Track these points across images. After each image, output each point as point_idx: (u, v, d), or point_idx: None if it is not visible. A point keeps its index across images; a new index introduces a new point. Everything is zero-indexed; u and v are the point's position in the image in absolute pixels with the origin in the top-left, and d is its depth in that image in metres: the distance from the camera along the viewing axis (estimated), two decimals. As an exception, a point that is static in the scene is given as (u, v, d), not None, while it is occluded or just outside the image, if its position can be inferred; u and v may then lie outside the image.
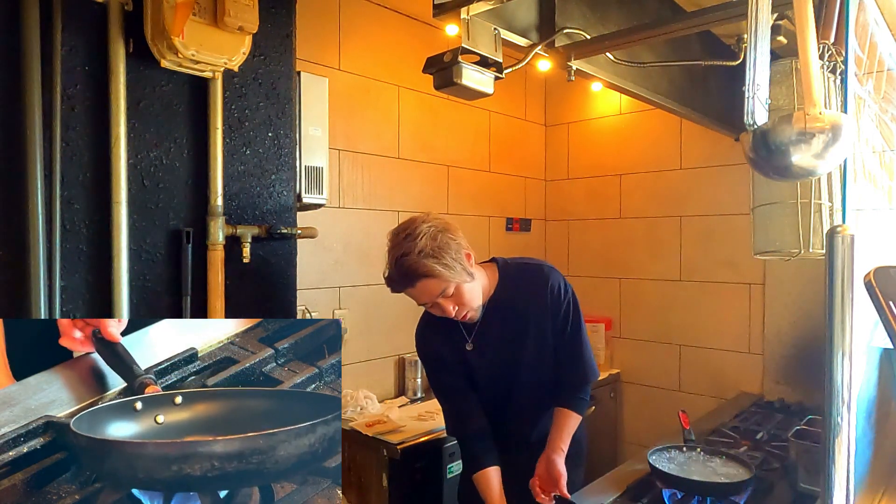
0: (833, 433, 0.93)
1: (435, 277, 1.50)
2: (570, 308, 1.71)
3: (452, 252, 1.52)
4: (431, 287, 1.52)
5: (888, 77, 1.41)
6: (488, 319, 1.68)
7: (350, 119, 2.59)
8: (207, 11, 1.42)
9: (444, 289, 1.53)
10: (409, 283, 1.51)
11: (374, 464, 2.17)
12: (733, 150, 2.83)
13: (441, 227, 1.53)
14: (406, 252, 1.48)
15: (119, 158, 1.39)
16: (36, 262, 1.28)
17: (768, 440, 2.14)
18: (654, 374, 3.26)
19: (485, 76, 1.56)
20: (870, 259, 1.02)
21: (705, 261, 3.07)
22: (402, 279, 1.51)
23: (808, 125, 1.01)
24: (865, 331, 1.08)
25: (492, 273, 1.72)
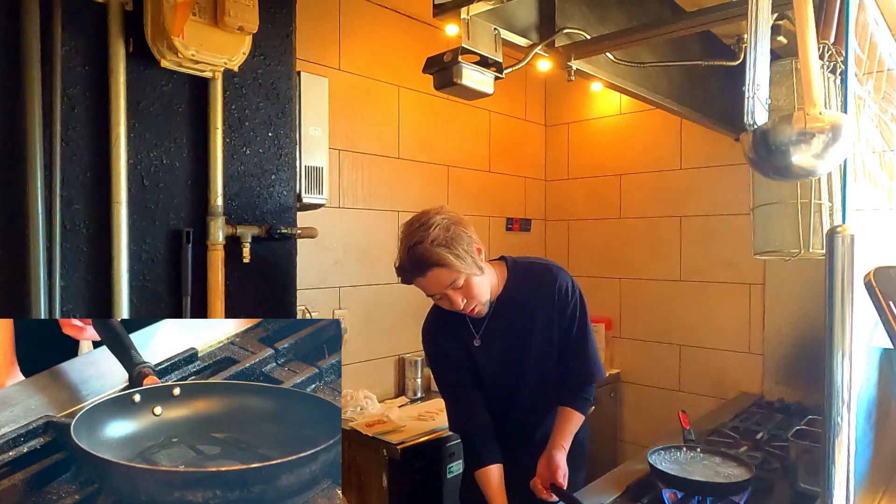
0: (833, 433, 0.93)
1: (446, 267, 1.50)
2: (578, 308, 1.72)
3: (464, 244, 1.53)
4: (442, 277, 1.52)
5: (888, 77, 1.41)
6: (496, 316, 1.69)
7: (350, 119, 2.59)
8: (207, 11, 1.42)
9: (454, 279, 1.53)
10: (421, 272, 1.52)
11: (374, 464, 2.17)
12: (733, 150, 2.83)
13: (454, 220, 1.55)
14: (419, 241, 1.49)
15: (119, 158, 1.39)
16: (36, 262, 1.28)
17: (768, 440, 2.13)
18: (654, 374, 3.26)
19: (485, 76, 1.56)
20: (870, 259, 1.02)
21: (705, 261, 3.07)
22: (414, 268, 1.52)
23: (808, 125, 1.01)
24: (865, 331, 1.08)
25: (501, 271, 1.73)
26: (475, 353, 1.71)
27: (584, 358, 1.72)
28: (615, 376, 3.34)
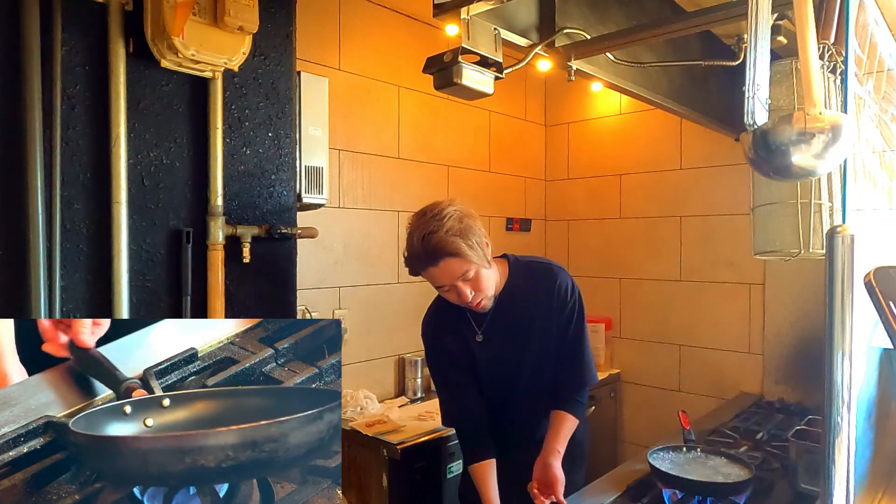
0: (833, 433, 0.93)
1: (460, 257, 1.51)
2: (576, 310, 1.72)
3: (476, 236, 1.54)
4: (454, 267, 1.52)
5: (888, 77, 1.41)
6: (498, 313, 1.70)
7: (350, 119, 2.59)
8: (207, 11, 1.42)
9: (465, 270, 1.53)
10: (433, 261, 1.51)
11: (374, 464, 2.17)
12: (733, 150, 2.83)
13: (466, 212, 1.56)
14: (433, 230, 1.49)
15: (119, 158, 1.39)
16: (36, 262, 1.28)
17: (768, 440, 2.13)
18: (654, 374, 3.26)
19: (485, 76, 1.56)
20: (870, 259, 1.02)
21: (705, 261, 3.07)
22: (427, 256, 1.51)
23: (808, 125, 1.01)
24: (865, 331, 1.08)
25: (503, 268, 1.73)
26: (476, 348, 1.71)
27: (579, 361, 1.72)
28: (615, 376, 3.34)
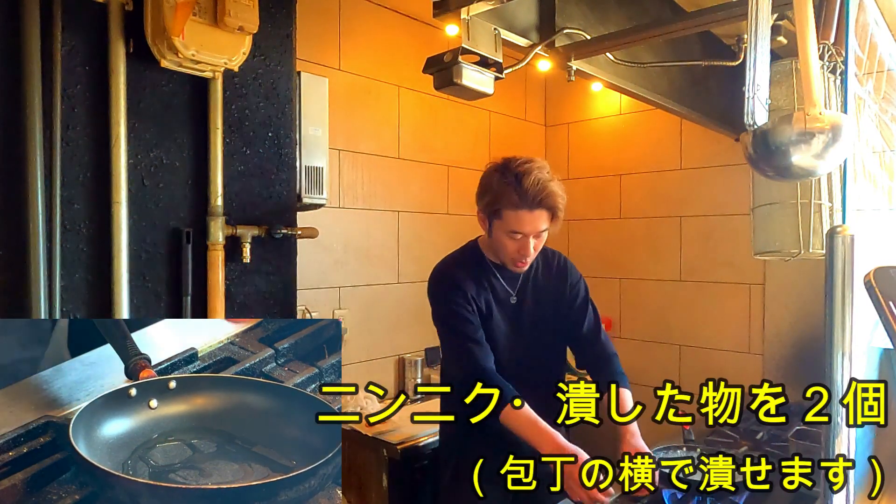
0: (833, 433, 0.93)
1: (555, 216, 1.52)
2: (586, 291, 1.79)
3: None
4: (544, 220, 1.52)
5: (888, 77, 1.41)
6: (526, 279, 1.72)
7: (350, 119, 2.59)
8: (207, 11, 1.42)
9: (547, 228, 1.54)
10: (536, 205, 1.48)
11: (374, 464, 2.17)
12: (733, 150, 2.83)
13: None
14: (551, 178, 1.50)
15: (119, 158, 1.39)
16: (36, 262, 1.28)
17: (768, 440, 2.13)
18: (654, 374, 3.25)
19: (485, 76, 1.56)
20: (870, 259, 1.02)
21: (705, 261, 3.07)
22: (532, 200, 1.47)
23: (808, 125, 1.01)
24: (865, 331, 1.08)
25: None
26: (507, 309, 1.69)
27: (602, 334, 1.80)
28: (615, 376, 3.33)
